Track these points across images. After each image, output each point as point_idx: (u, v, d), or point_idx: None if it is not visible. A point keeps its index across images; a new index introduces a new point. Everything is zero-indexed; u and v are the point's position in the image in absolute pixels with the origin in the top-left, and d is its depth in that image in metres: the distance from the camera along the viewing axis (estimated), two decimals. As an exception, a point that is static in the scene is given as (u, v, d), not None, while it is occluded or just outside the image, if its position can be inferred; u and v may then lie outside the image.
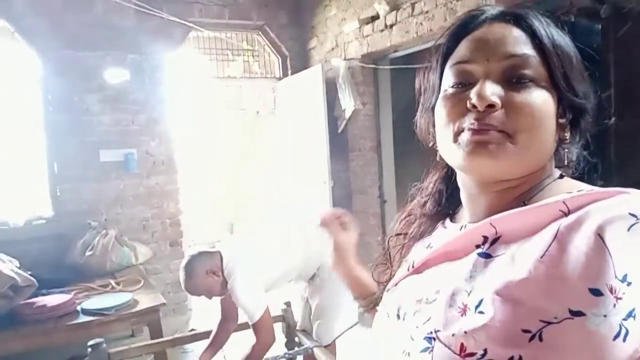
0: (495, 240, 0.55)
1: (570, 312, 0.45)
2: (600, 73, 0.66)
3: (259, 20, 4.27)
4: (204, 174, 7.16)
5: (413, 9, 2.96)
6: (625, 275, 0.44)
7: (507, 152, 0.53)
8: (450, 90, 0.58)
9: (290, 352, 2.30)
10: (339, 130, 3.82)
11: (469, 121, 0.55)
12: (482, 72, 0.56)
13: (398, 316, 0.61)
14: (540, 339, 0.46)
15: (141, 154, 3.83)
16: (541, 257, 0.48)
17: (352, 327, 2.38)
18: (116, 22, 3.71)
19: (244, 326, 2.23)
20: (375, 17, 3.35)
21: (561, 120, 0.57)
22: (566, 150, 0.60)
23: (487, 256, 0.54)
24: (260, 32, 4.41)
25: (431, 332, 0.53)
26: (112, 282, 3.05)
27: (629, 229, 0.46)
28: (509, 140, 0.53)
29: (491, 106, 0.53)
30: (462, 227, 0.62)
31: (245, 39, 4.56)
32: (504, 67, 0.55)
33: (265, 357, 2.13)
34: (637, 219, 0.46)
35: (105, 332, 2.52)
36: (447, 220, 0.68)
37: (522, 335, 0.46)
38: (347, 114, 3.65)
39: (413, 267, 0.64)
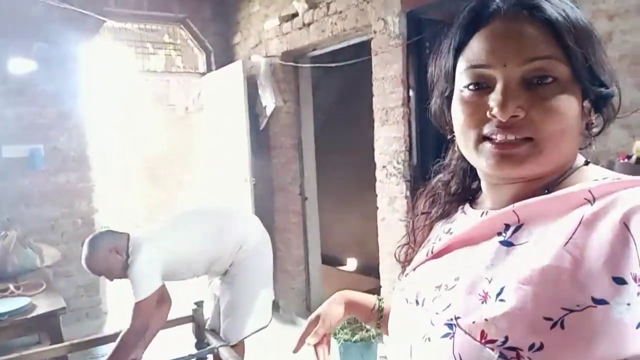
0: (517, 229, 0.54)
1: (594, 300, 0.45)
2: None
3: (181, 12, 4.15)
4: (125, 171, 6.88)
5: (328, 9, 3.00)
6: None
7: (533, 159, 0.52)
8: (467, 93, 0.56)
9: (194, 353, 2.26)
10: (261, 128, 3.79)
11: (490, 129, 0.53)
12: (501, 78, 0.53)
13: (417, 302, 0.61)
14: (562, 327, 0.45)
15: (49, 150, 3.61)
16: (565, 244, 0.48)
17: (263, 328, 2.37)
18: (21, 8, 3.47)
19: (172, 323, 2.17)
20: (294, 15, 3.36)
21: (585, 104, 0.55)
22: (592, 134, 0.58)
23: (509, 244, 0.53)
24: (182, 26, 4.29)
25: (451, 319, 0.52)
26: (12, 286, 2.85)
27: None
28: (535, 147, 0.52)
29: (514, 116, 0.52)
30: (483, 213, 0.61)
31: (167, 32, 4.42)
32: (524, 71, 0.52)
33: (170, 358, 2.08)
34: None
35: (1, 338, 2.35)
36: (467, 206, 0.66)
37: (543, 322, 0.46)
38: (269, 112, 3.63)
39: (432, 252, 0.63)
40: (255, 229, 2.41)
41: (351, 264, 5.14)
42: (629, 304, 0.43)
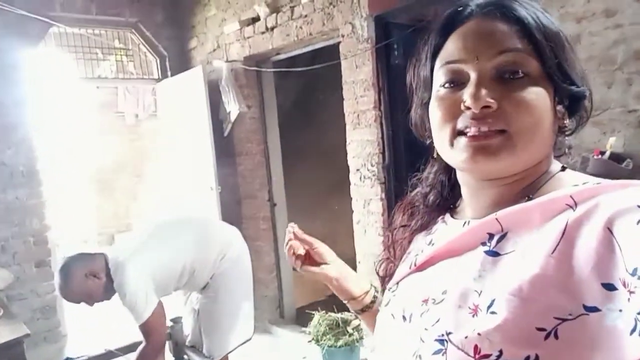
0: (502, 238, 0.53)
1: (585, 308, 0.44)
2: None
3: (132, 17, 3.98)
4: (76, 185, 6.52)
5: (292, 13, 2.98)
6: (636, 269, 0.43)
7: (507, 152, 0.53)
8: (443, 91, 0.57)
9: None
10: (225, 134, 3.71)
11: (464, 122, 0.54)
12: (474, 72, 0.54)
13: (404, 317, 0.59)
14: (556, 337, 0.45)
15: (-5, 166, 3.35)
16: (551, 252, 0.48)
17: (246, 341, 2.32)
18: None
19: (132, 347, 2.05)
20: (256, 19, 3.31)
21: (558, 108, 0.56)
22: (566, 138, 0.59)
23: (495, 254, 0.53)
24: (133, 30, 4.11)
25: (442, 335, 0.51)
26: (-38, 315, 2.62)
27: (638, 222, 0.44)
28: (508, 140, 0.52)
29: (486, 107, 0.52)
30: (465, 223, 0.60)
31: (117, 37, 4.22)
32: (496, 64, 0.53)
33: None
34: None
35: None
36: (448, 216, 0.66)
37: (537, 333, 0.46)
38: (232, 117, 3.56)
39: (415, 265, 0.62)
40: (235, 239, 2.35)
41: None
42: (621, 310, 0.43)
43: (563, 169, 0.58)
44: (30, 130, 3.52)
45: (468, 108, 0.53)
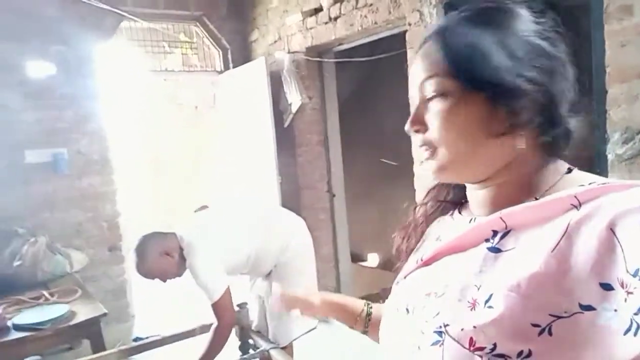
0: (505, 235, 0.55)
1: (581, 306, 0.45)
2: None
3: (197, 10, 4.09)
4: (141, 173, 6.83)
5: (357, 2, 2.95)
6: (638, 270, 0.43)
7: (448, 164, 0.58)
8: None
9: (245, 356, 2.23)
10: (286, 125, 3.75)
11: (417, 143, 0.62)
12: (414, 100, 0.61)
13: (407, 310, 0.61)
14: (550, 333, 0.46)
15: (72, 154, 3.55)
16: (552, 251, 0.48)
17: (311, 330, 2.35)
18: (38, 9, 3.40)
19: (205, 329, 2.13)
20: (318, 10, 3.31)
21: (498, 107, 0.55)
22: (544, 134, 0.58)
23: (497, 250, 0.54)
24: (198, 24, 4.23)
25: (440, 327, 0.53)
26: (46, 293, 2.80)
27: None
28: (443, 155, 0.58)
29: (417, 131, 0.60)
30: (471, 219, 0.63)
31: (183, 30, 4.36)
32: (421, 89, 0.59)
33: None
34: None
35: (41, 348, 2.33)
36: (456, 212, 0.68)
37: (531, 329, 0.46)
38: (294, 108, 3.58)
39: (422, 260, 0.64)
40: (300, 228, 2.38)
41: (372, 259, 5.11)
42: (616, 310, 0.44)
43: (569, 170, 0.58)
44: (103, 121, 3.71)
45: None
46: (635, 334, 0.43)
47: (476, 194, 0.63)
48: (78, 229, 3.63)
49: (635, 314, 0.43)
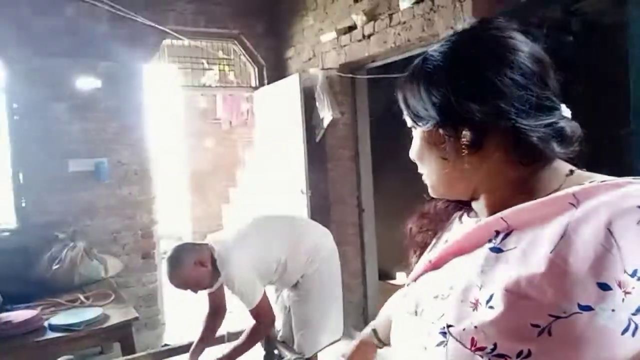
0: (507, 235, 0.55)
1: (579, 306, 0.45)
2: (572, 83, 0.67)
3: (235, 29, 4.24)
4: (176, 185, 7.03)
5: (391, 20, 2.99)
6: (636, 270, 0.44)
7: (431, 186, 0.68)
8: None
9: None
10: (317, 140, 3.80)
11: None
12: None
13: (416, 312, 0.62)
14: (549, 334, 0.46)
15: (113, 163, 3.71)
16: (551, 251, 0.48)
17: (336, 341, 2.34)
18: (88, 28, 3.61)
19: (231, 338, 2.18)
20: (352, 27, 3.37)
21: (450, 131, 0.60)
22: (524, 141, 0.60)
23: (499, 251, 0.55)
24: (236, 41, 4.38)
25: (444, 327, 0.54)
26: (81, 296, 2.92)
27: (638, 223, 0.46)
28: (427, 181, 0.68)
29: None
30: (477, 221, 0.64)
31: (221, 47, 4.52)
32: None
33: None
34: None
35: (74, 348, 2.40)
36: (464, 215, 0.70)
37: (531, 329, 0.47)
38: (325, 123, 3.63)
39: (431, 262, 0.65)
40: (327, 241, 2.40)
41: (400, 278, 5.04)
42: (613, 310, 0.44)
43: (571, 172, 0.59)
44: (144, 133, 3.87)
45: None
46: (633, 334, 0.43)
47: (476, 203, 0.65)
48: (115, 235, 3.76)
49: (633, 314, 0.43)
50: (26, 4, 3.45)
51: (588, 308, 0.45)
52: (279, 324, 2.42)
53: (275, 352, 2.37)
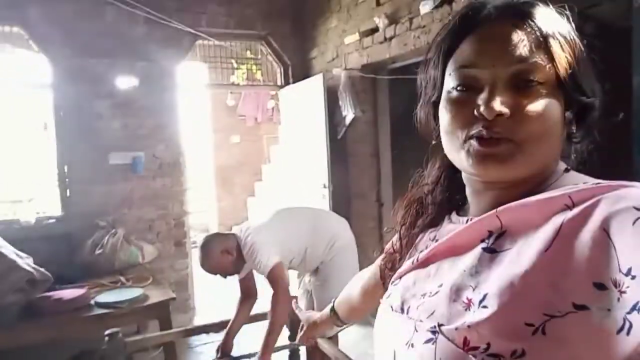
0: (500, 235, 0.55)
1: (574, 306, 0.45)
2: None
3: (263, 30, 4.45)
4: (204, 178, 7.30)
5: (411, 23, 3.15)
6: (630, 269, 0.43)
7: (516, 160, 0.54)
8: (455, 94, 0.58)
9: (294, 343, 2.45)
10: (339, 137, 3.98)
11: (476, 129, 0.55)
12: (488, 78, 0.54)
13: (402, 309, 0.61)
14: (544, 333, 0.46)
15: (148, 157, 3.98)
16: (545, 250, 0.48)
17: (355, 322, 2.53)
18: (126, 30, 3.88)
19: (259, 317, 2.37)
20: (374, 30, 3.54)
21: (567, 114, 0.56)
22: (574, 144, 0.60)
23: (493, 251, 0.54)
24: (263, 42, 4.59)
25: (435, 326, 0.53)
26: (122, 278, 3.19)
27: (633, 223, 0.45)
28: (517, 148, 0.53)
29: (499, 115, 0.53)
30: (468, 220, 0.62)
31: (249, 48, 4.73)
32: (512, 72, 0.54)
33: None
34: None
35: (119, 324, 2.62)
36: (454, 213, 0.67)
37: (525, 328, 0.46)
38: (348, 121, 3.82)
39: (418, 260, 0.64)
40: (344, 230, 2.59)
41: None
42: (609, 310, 0.43)
43: (567, 170, 0.59)
44: (177, 129, 4.12)
45: (481, 114, 0.54)
46: (628, 334, 0.42)
47: (481, 196, 0.61)
48: (150, 224, 4.03)
49: (628, 312, 0.43)
50: (70, 7, 3.72)
51: (583, 307, 0.45)
52: (302, 306, 2.62)
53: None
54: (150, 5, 3.86)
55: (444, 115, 0.59)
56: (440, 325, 0.52)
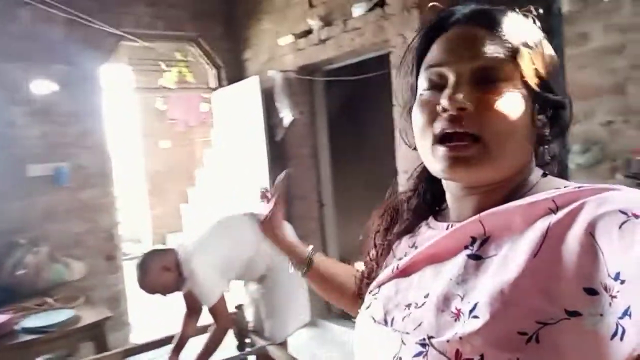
0: (484, 241, 0.54)
1: (567, 312, 0.45)
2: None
3: (193, 31, 4.30)
4: (134, 186, 6.95)
5: (345, 25, 3.19)
6: (618, 274, 0.43)
7: (484, 163, 0.54)
8: (425, 95, 0.58)
9: (244, 352, 2.39)
10: (278, 139, 3.95)
11: (441, 124, 0.55)
12: (452, 73, 0.55)
13: (385, 321, 0.59)
14: (537, 341, 0.45)
15: (73, 167, 3.70)
16: (534, 256, 0.48)
17: (304, 325, 2.52)
18: (43, 32, 3.58)
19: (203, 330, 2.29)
20: (308, 32, 3.54)
21: (539, 117, 0.57)
22: (547, 147, 0.60)
23: (478, 258, 0.53)
24: (194, 44, 4.44)
25: (424, 339, 0.51)
26: (49, 299, 2.95)
27: (620, 227, 0.45)
28: (484, 149, 0.53)
29: (462, 109, 0.53)
30: (448, 225, 0.61)
31: (179, 49, 4.56)
32: (474, 68, 0.54)
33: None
34: (628, 216, 0.45)
35: (49, 350, 2.46)
36: (431, 219, 0.66)
37: (518, 337, 0.46)
38: (286, 123, 3.79)
39: (397, 269, 0.62)
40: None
41: (359, 267, 5.28)
42: (601, 315, 0.43)
43: (544, 175, 0.59)
44: (103, 136, 3.88)
45: (445, 110, 0.54)
46: (621, 339, 0.42)
47: (461, 202, 0.60)
48: (77, 239, 3.76)
49: (620, 317, 0.42)
50: (-23, 7, 3.39)
51: (576, 314, 0.44)
52: (249, 316, 2.57)
53: (248, 340, 2.52)
54: (70, 5, 3.60)
55: (415, 119, 0.59)
56: (430, 338, 0.51)
